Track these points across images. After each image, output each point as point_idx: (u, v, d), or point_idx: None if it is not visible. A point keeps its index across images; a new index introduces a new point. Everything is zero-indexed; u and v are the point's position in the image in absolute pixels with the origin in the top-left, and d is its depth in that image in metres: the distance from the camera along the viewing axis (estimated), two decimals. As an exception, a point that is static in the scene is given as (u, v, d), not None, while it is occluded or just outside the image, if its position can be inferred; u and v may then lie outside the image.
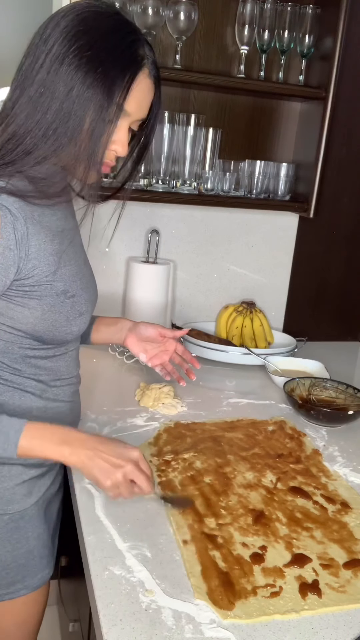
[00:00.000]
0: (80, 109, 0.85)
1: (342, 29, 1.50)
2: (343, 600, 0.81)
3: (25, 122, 0.86)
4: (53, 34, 0.86)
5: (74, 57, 0.84)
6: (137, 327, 1.27)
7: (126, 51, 0.88)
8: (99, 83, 0.85)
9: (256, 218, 1.82)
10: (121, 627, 0.74)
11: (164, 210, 1.72)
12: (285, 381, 1.42)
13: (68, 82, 0.84)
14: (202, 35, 1.59)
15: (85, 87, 0.85)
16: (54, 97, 0.85)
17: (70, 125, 0.86)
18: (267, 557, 0.88)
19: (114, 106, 0.87)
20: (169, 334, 1.28)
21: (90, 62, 0.84)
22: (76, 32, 0.85)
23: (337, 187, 1.83)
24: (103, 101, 0.86)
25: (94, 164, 0.89)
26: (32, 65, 0.86)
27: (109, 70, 0.86)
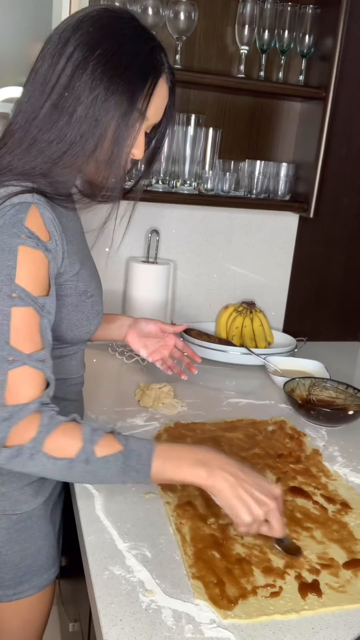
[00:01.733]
0: (105, 115, 0.86)
1: (342, 29, 1.50)
2: (343, 600, 0.81)
3: (51, 127, 0.86)
4: (73, 38, 0.85)
5: (97, 62, 0.84)
6: (137, 323, 1.29)
7: (148, 57, 0.89)
8: (122, 89, 0.85)
9: (256, 218, 1.82)
10: (121, 627, 0.74)
11: (164, 210, 1.72)
12: (285, 381, 1.42)
13: (93, 88, 0.84)
14: (202, 35, 1.59)
15: (110, 93, 0.85)
16: (79, 102, 0.85)
17: (97, 131, 0.86)
18: (267, 557, 0.88)
19: (136, 112, 0.88)
20: (169, 329, 1.30)
21: (114, 68, 0.85)
22: (99, 36, 0.85)
23: (337, 187, 1.83)
24: (127, 107, 0.86)
25: (115, 169, 0.89)
26: (52, 68, 0.86)
27: (132, 77, 0.86)
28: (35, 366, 0.81)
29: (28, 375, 0.81)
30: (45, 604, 1.07)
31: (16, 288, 0.80)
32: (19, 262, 0.81)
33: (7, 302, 0.80)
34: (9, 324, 0.79)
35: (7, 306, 0.80)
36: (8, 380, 0.79)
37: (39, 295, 0.83)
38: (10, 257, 0.80)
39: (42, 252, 0.84)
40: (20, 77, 1.47)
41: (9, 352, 0.79)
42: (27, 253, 0.82)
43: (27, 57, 1.46)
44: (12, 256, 0.80)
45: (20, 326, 0.80)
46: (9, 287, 0.80)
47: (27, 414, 0.79)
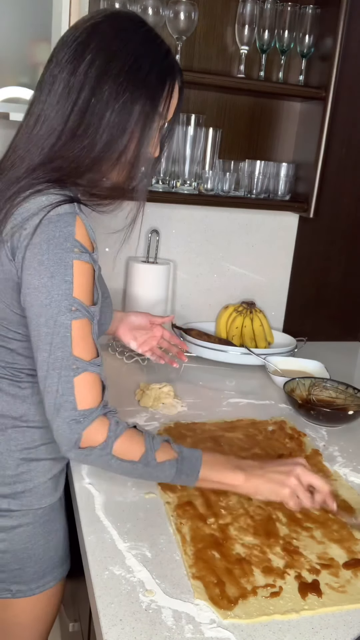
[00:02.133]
0: (131, 119, 0.88)
1: (342, 29, 1.50)
2: (343, 600, 0.81)
3: (83, 134, 0.87)
4: (92, 44, 0.87)
5: (120, 69, 0.86)
6: (127, 317, 1.34)
7: (164, 61, 0.91)
8: (146, 94, 0.88)
9: (256, 218, 1.82)
10: (121, 627, 0.74)
11: (164, 210, 1.72)
12: (285, 381, 1.42)
13: (119, 94, 0.86)
14: (202, 35, 1.59)
15: (134, 98, 0.87)
16: (107, 109, 0.87)
17: (125, 136, 0.89)
18: (267, 557, 0.88)
19: (158, 115, 0.91)
20: (157, 320, 1.35)
21: (137, 74, 0.87)
22: (118, 42, 0.87)
23: (337, 187, 1.83)
24: (150, 111, 0.90)
25: (138, 169, 0.93)
26: (74, 75, 0.87)
27: (153, 81, 0.89)
28: (94, 371, 0.88)
29: (90, 380, 0.88)
30: (59, 596, 1.09)
31: (74, 302, 0.86)
32: (75, 276, 0.86)
33: (68, 316, 0.85)
34: (71, 335, 0.86)
35: (68, 319, 0.85)
36: (75, 387, 0.86)
37: (90, 305, 0.89)
38: (67, 272, 0.85)
39: (91, 264, 0.88)
40: (20, 77, 1.47)
41: (72, 361, 0.86)
42: (80, 267, 0.86)
43: (27, 57, 1.46)
44: (68, 271, 0.85)
45: (80, 336, 0.87)
46: (68, 301, 0.85)
47: (96, 417, 0.87)
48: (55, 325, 0.85)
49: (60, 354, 0.85)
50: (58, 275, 0.84)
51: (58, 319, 0.85)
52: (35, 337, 0.87)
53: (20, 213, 0.86)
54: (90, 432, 0.87)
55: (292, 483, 0.93)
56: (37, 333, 0.87)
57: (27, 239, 0.85)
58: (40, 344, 0.86)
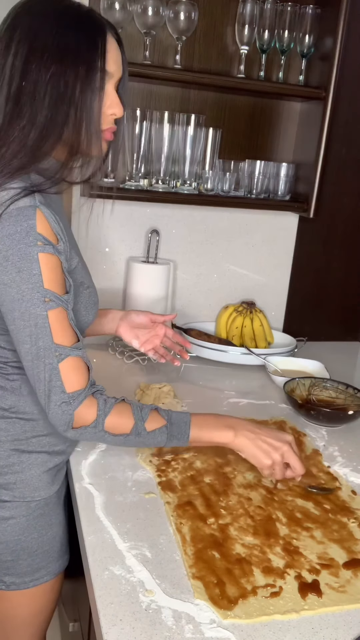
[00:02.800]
0: (67, 88, 0.87)
1: (342, 29, 1.50)
2: (343, 600, 0.81)
3: (20, 116, 0.87)
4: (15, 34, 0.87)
5: (44, 45, 0.86)
6: (128, 315, 1.34)
7: (88, 22, 0.90)
8: (76, 56, 0.87)
9: (256, 218, 1.82)
10: (121, 627, 0.74)
11: (164, 210, 1.72)
12: (285, 381, 1.42)
13: (47, 68, 0.86)
14: (202, 35, 1.59)
15: (64, 66, 0.87)
16: (38, 85, 0.86)
17: (64, 107, 0.88)
18: (267, 557, 0.88)
19: (97, 73, 0.90)
20: (159, 318, 1.35)
21: (61, 44, 0.86)
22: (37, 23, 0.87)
23: (337, 187, 1.83)
24: (86, 73, 0.88)
25: (94, 133, 0.92)
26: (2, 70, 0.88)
27: (82, 43, 0.88)
28: (77, 355, 0.92)
29: (74, 364, 0.92)
30: (56, 592, 1.09)
31: (47, 293, 0.88)
32: (42, 269, 0.88)
33: (42, 307, 0.88)
34: (49, 324, 0.89)
35: (43, 310, 0.88)
36: (61, 372, 0.90)
37: (62, 294, 0.91)
38: (33, 266, 0.87)
39: (56, 255, 0.90)
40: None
41: (54, 349, 0.90)
42: (46, 259, 0.88)
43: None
44: (34, 264, 0.87)
45: (58, 325, 0.90)
46: (40, 293, 0.88)
47: (84, 398, 0.93)
48: (30, 318, 0.88)
49: (42, 343, 0.89)
50: (25, 270, 0.87)
51: (32, 311, 0.88)
52: (14, 331, 0.90)
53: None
54: (81, 412, 0.92)
55: (275, 458, 1.01)
56: (14, 327, 0.89)
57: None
58: (20, 337, 0.90)
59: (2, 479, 0.99)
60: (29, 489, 1.01)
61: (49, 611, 1.10)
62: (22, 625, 1.06)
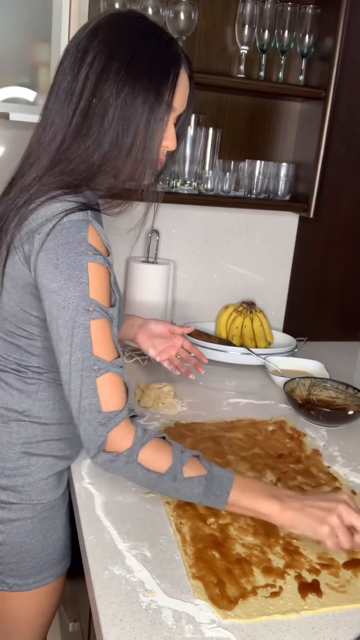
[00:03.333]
0: (135, 113, 0.88)
1: (342, 29, 1.50)
2: (343, 600, 0.81)
3: (86, 135, 0.88)
4: (91, 47, 0.88)
5: (120, 65, 0.86)
6: (147, 324, 1.32)
7: (166, 51, 0.91)
8: (148, 86, 0.88)
9: (256, 218, 1.82)
10: (121, 627, 0.74)
11: (164, 210, 1.72)
12: (285, 381, 1.42)
13: (120, 90, 0.86)
14: (202, 35, 1.59)
15: (137, 91, 0.87)
16: (109, 106, 0.87)
17: (130, 131, 0.88)
18: (267, 557, 0.88)
19: (164, 105, 0.90)
20: (177, 330, 1.33)
21: (137, 67, 0.87)
22: (116, 40, 0.87)
23: (337, 187, 1.83)
24: (154, 102, 0.89)
25: (150, 164, 0.92)
26: (75, 80, 0.88)
27: (155, 72, 0.89)
28: (117, 372, 0.88)
29: (113, 381, 0.87)
30: (58, 593, 1.09)
31: (92, 302, 0.86)
32: (91, 278, 0.86)
33: (86, 316, 0.86)
34: (90, 336, 0.86)
35: (86, 320, 0.86)
36: (98, 388, 0.86)
37: (108, 307, 0.89)
38: (82, 275, 0.86)
39: (106, 266, 0.89)
40: (20, 77, 1.47)
41: (94, 361, 0.86)
42: (95, 269, 0.87)
43: (27, 57, 1.46)
44: (84, 273, 0.86)
45: (99, 337, 0.87)
46: (85, 302, 0.86)
47: (121, 419, 0.87)
48: (73, 327, 0.86)
49: (80, 355, 0.86)
50: (74, 278, 0.85)
51: (76, 319, 0.86)
52: (55, 341, 0.88)
53: (35, 219, 0.87)
54: (116, 436, 0.87)
55: (333, 522, 0.85)
56: (57, 336, 0.87)
57: (40, 243, 0.86)
58: (61, 347, 0.87)
59: (11, 481, 0.99)
60: (36, 492, 1.01)
61: (51, 613, 1.10)
62: (24, 626, 1.06)
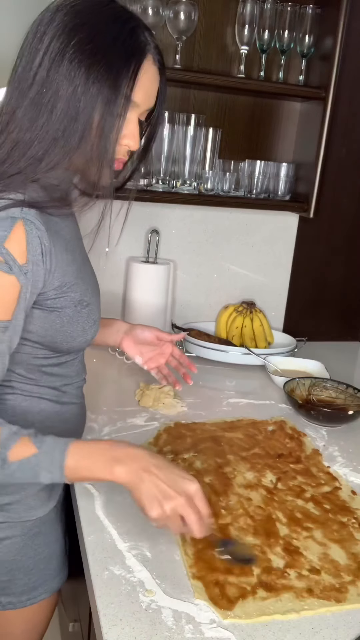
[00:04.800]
0: (87, 106, 0.81)
1: (342, 29, 1.50)
2: (343, 601, 0.81)
3: (30, 126, 0.81)
4: (48, 31, 0.80)
5: (74, 52, 0.79)
6: (133, 329, 1.25)
7: (128, 39, 0.82)
8: (103, 76, 0.80)
9: (256, 218, 1.82)
10: (121, 627, 0.74)
11: (164, 210, 1.72)
12: (285, 381, 1.42)
13: (71, 79, 0.80)
14: (202, 35, 1.59)
15: (90, 82, 0.80)
16: (58, 97, 0.80)
17: (79, 125, 0.81)
18: (267, 557, 0.88)
19: (121, 98, 0.82)
20: (166, 337, 1.27)
21: (92, 55, 0.80)
22: (73, 25, 0.80)
23: (337, 187, 1.83)
24: (110, 95, 0.81)
25: (106, 162, 0.85)
26: (29, 65, 0.81)
27: (113, 62, 0.81)
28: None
29: None
30: (51, 607, 1.08)
31: None
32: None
33: None
34: None
35: None
36: None
37: (1, 320, 0.81)
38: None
39: (15, 276, 0.81)
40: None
41: None
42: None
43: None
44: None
45: None
46: None
47: None
48: None
49: None
50: None
51: None
52: None
53: None
54: None
55: (163, 511, 0.80)
56: None
57: None
58: None
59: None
60: (24, 509, 0.97)
61: (44, 626, 1.08)
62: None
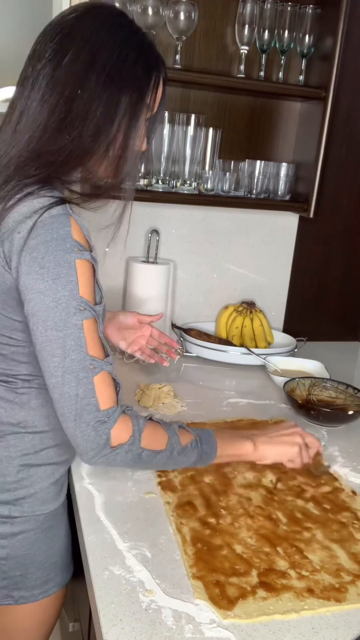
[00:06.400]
0: (118, 112, 0.88)
1: (342, 29, 1.50)
2: (343, 601, 0.81)
3: (68, 128, 0.86)
4: (77, 36, 0.86)
5: (106, 61, 0.86)
6: (116, 316, 1.32)
7: (150, 53, 0.91)
8: (133, 87, 0.88)
9: (256, 218, 1.82)
10: (121, 627, 0.74)
11: (164, 210, 1.72)
12: (285, 381, 1.42)
13: (105, 88, 0.86)
14: (202, 35, 1.59)
15: (121, 91, 0.87)
16: (93, 102, 0.86)
17: (111, 129, 0.88)
18: (267, 557, 0.88)
19: (145, 107, 0.91)
20: (146, 319, 1.33)
21: (123, 67, 0.87)
22: (102, 35, 0.86)
23: (337, 187, 1.83)
24: (136, 103, 0.89)
25: (129, 163, 0.93)
26: (59, 68, 0.85)
27: (139, 74, 0.89)
28: (109, 370, 0.89)
29: (107, 379, 0.89)
30: (61, 601, 1.09)
31: (82, 301, 0.85)
32: (79, 276, 0.85)
33: (78, 316, 0.85)
34: (84, 336, 0.86)
35: (79, 320, 0.85)
36: (95, 388, 0.87)
37: (94, 305, 0.88)
38: (71, 272, 0.84)
39: (91, 262, 0.88)
40: (20, 77, 1.47)
41: (90, 361, 0.86)
42: (83, 265, 0.86)
43: (27, 57, 1.46)
44: (72, 271, 0.84)
45: (91, 336, 0.87)
46: (76, 301, 0.85)
47: (119, 415, 0.90)
48: (66, 327, 0.84)
49: (75, 356, 0.85)
50: (63, 276, 0.84)
51: (69, 320, 0.84)
52: (43, 343, 0.85)
53: (13, 217, 0.85)
54: (117, 431, 0.89)
55: (299, 441, 1.06)
56: (45, 338, 0.85)
57: (21, 242, 0.83)
58: (50, 349, 0.85)
59: (12, 495, 0.96)
60: (38, 503, 0.99)
61: (53, 620, 1.09)
62: (26, 636, 1.05)
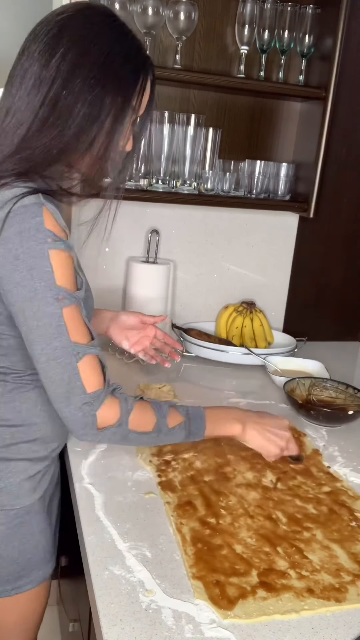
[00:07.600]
0: (102, 112, 0.88)
1: (342, 29, 1.50)
2: (343, 601, 0.81)
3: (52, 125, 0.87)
4: (65, 36, 0.86)
5: (94, 62, 0.86)
6: (118, 316, 1.32)
7: (138, 55, 0.92)
8: (118, 88, 0.89)
9: (256, 218, 1.82)
10: (121, 627, 0.74)
11: (164, 210, 1.72)
12: (285, 381, 1.42)
13: (91, 87, 0.86)
14: (202, 35, 1.59)
15: (107, 92, 0.88)
16: (78, 101, 0.86)
17: (93, 129, 0.89)
18: (267, 557, 0.88)
19: (130, 109, 0.92)
20: (149, 320, 1.33)
21: (109, 68, 0.87)
22: (90, 36, 0.87)
23: (337, 187, 1.83)
24: (122, 105, 0.90)
25: (113, 164, 0.94)
26: (46, 68, 0.86)
27: (126, 76, 0.90)
28: (94, 353, 0.91)
29: (92, 362, 0.91)
30: (42, 599, 1.08)
31: (60, 290, 0.87)
32: (54, 265, 0.86)
33: (56, 305, 0.87)
34: (65, 324, 0.88)
35: (57, 309, 0.87)
36: (80, 372, 0.89)
37: (74, 291, 0.90)
38: (45, 263, 0.86)
39: (67, 250, 0.88)
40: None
41: (72, 347, 0.88)
42: (57, 255, 0.87)
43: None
44: (46, 262, 0.86)
45: (72, 323, 0.89)
46: (52, 291, 0.86)
47: (105, 397, 0.92)
48: (44, 317, 0.86)
49: (57, 343, 0.87)
50: (37, 267, 0.85)
51: (46, 310, 0.86)
52: (25, 332, 0.88)
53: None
54: (104, 413, 0.92)
55: (282, 447, 1.08)
56: (26, 328, 0.88)
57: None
58: (32, 337, 0.88)
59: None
60: (8, 497, 0.98)
61: (36, 618, 1.09)
62: (8, 633, 1.05)
